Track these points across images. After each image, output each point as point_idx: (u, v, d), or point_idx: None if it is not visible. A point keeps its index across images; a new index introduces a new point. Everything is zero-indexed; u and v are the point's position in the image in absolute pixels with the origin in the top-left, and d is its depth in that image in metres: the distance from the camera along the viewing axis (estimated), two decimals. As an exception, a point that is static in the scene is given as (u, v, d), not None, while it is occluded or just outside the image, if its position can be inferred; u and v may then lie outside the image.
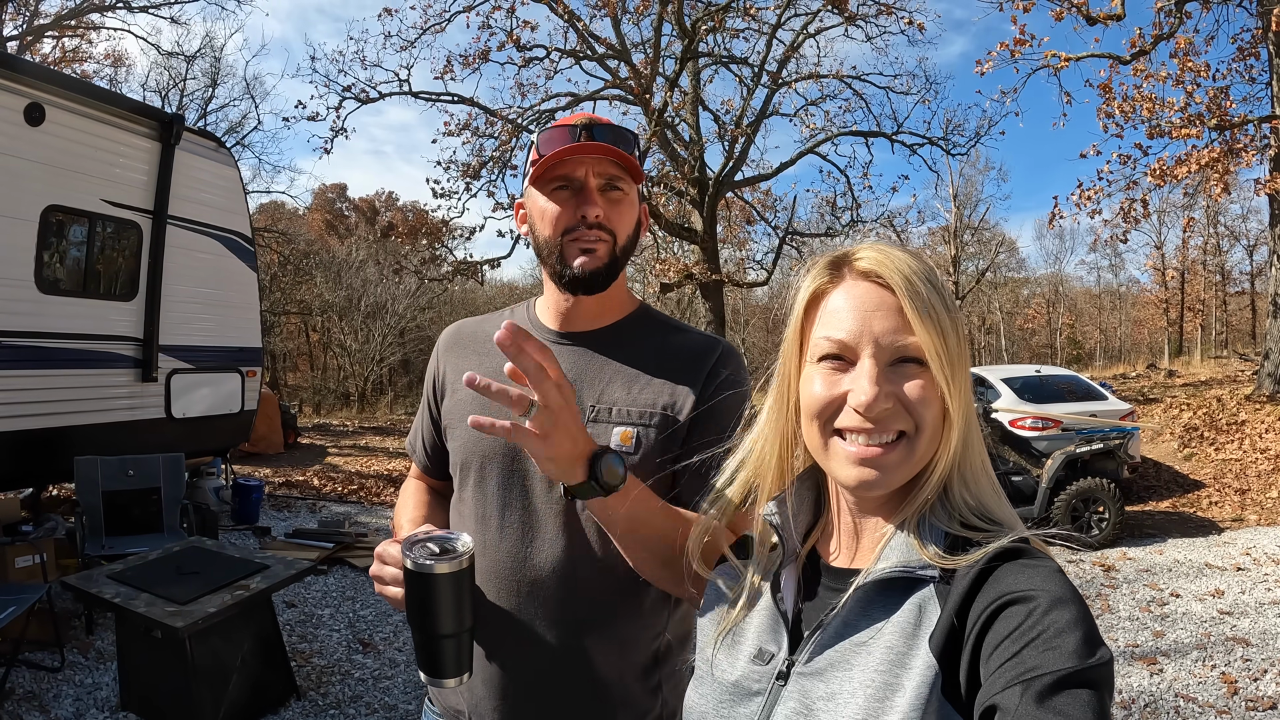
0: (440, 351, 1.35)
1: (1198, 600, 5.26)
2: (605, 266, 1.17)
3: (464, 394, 1.26)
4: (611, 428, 1.17)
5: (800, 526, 0.84)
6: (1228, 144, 11.15)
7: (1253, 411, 10.67)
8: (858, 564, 0.77)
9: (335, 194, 43.93)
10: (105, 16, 18.79)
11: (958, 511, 0.73)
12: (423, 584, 0.97)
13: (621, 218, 1.18)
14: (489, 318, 1.38)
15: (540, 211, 1.18)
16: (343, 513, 7.94)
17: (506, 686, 1.18)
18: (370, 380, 26.40)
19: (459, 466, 1.26)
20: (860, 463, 0.72)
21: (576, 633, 1.17)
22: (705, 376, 1.20)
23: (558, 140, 1.14)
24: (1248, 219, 32.15)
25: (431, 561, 0.97)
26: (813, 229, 21.77)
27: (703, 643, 0.89)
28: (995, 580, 0.66)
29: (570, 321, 1.25)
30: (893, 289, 0.72)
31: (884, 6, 14.89)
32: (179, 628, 2.96)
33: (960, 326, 0.73)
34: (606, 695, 1.18)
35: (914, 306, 0.71)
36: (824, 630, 0.73)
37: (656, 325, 1.29)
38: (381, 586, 1.11)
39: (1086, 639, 0.58)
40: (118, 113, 5.48)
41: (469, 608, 1.02)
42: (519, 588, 1.17)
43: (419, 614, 0.99)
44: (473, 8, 14.13)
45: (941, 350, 0.71)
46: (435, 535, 1.03)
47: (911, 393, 0.71)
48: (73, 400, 5.28)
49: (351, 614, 4.87)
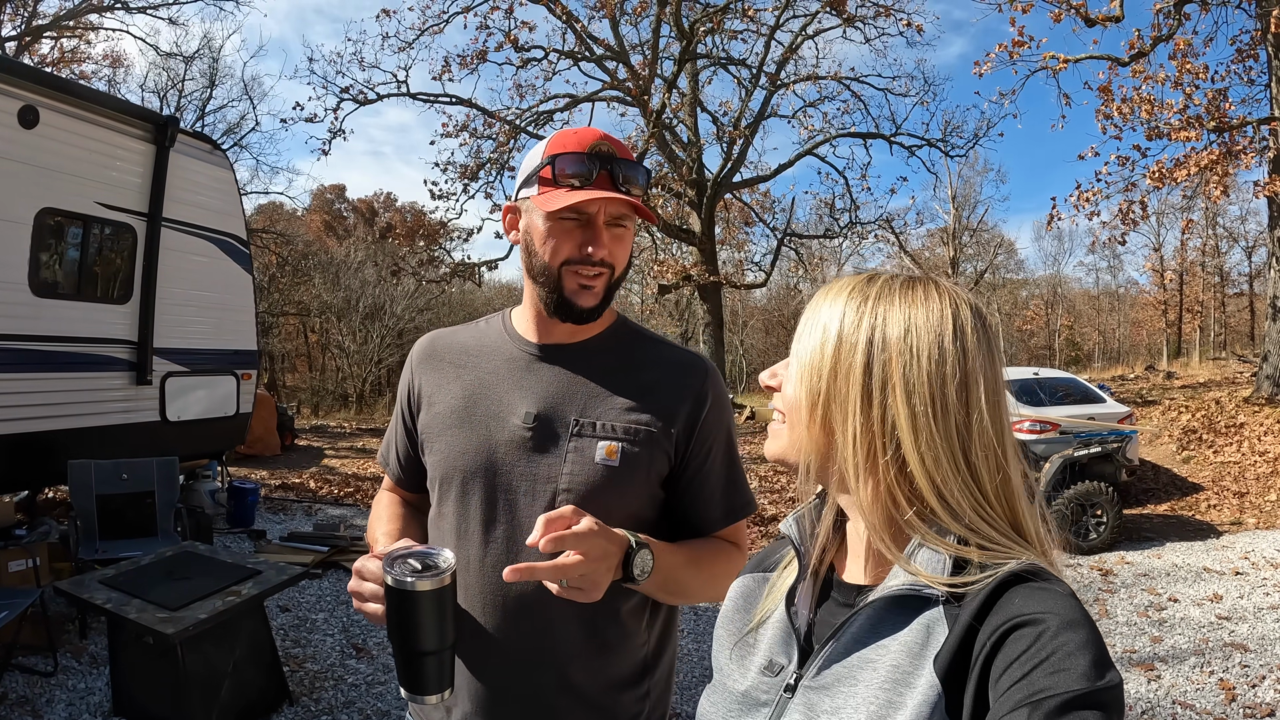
0: (415, 364, 1.33)
1: (1196, 605, 5.25)
2: (601, 301, 1.18)
3: (442, 408, 1.25)
4: (596, 442, 1.16)
5: (819, 542, 0.85)
6: (1226, 146, 11.15)
7: (1251, 414, 10.67)
8: (871, 581, 0.78)
9: (333, 195, 43.92)
10: (103, 17, 18.83)
11: (968, 527, 0.72)
12: (404, 601, 0.96)
13: (622, 251, 1.19)
14: (463, 328, 1.36)
15: (542, 236, 1.15)
16: (339, 515, 7.93)
17: (491, 701, 1.17)
18: (368, 381, 26.39)
19: (439, 481, 1.24)
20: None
21: (564, 644, 1.16)
22: (694, 397, 1.21)
23: (572, 166, 1.11)
24: (1246, 221, 32.23)
25: (413, 579, 0.95)
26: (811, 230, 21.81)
27: (718, 651, 0.90)
28: (1005, 602, 0.66)
29: (549, 335, 1.24)
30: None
31: (882, 8, 14.93)
32: (170, 634, 2.93)
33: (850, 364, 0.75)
34: (594, 706, 1.18)
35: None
36: (833, 645, 0.74)
37: (636, 338, 1.28)
38: (361, 603, 1.09)
39: (1096, 662, 0.58)
40: (112, 115, 5.47)
41: (451, 624, 1.00)
42: (504, 602, 1.16)
43: (400, 631, 0.98)
44: (471, 9, 14.16)
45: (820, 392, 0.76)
46: (416, 551, 1.01)
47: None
48: (67, 403, 5.26)
49: (346, 618, 4.85)
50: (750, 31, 15.59)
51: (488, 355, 1.26)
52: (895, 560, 0.73)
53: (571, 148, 1.13)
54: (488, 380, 1.23)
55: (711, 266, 15.08)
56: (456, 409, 1.23)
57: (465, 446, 1.20)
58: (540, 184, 1.14)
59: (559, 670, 1.16)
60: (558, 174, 1.12)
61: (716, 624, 0.93)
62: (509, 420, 1.18)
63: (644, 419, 1.17)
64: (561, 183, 1.12)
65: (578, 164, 1.11)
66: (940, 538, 0.72)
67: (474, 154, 14.75)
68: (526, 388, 1.20)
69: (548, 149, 1.15)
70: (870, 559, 0.79)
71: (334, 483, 9.88)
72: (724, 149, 15.53)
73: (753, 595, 0.89)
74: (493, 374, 1.24)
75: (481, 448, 1.18)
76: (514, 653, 1.16)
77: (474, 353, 1.28)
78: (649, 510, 1.21)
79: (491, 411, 1.20)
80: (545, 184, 1.13)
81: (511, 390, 1.21)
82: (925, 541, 0.72)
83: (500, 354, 1.25)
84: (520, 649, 1.15)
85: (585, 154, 1.11)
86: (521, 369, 1.22)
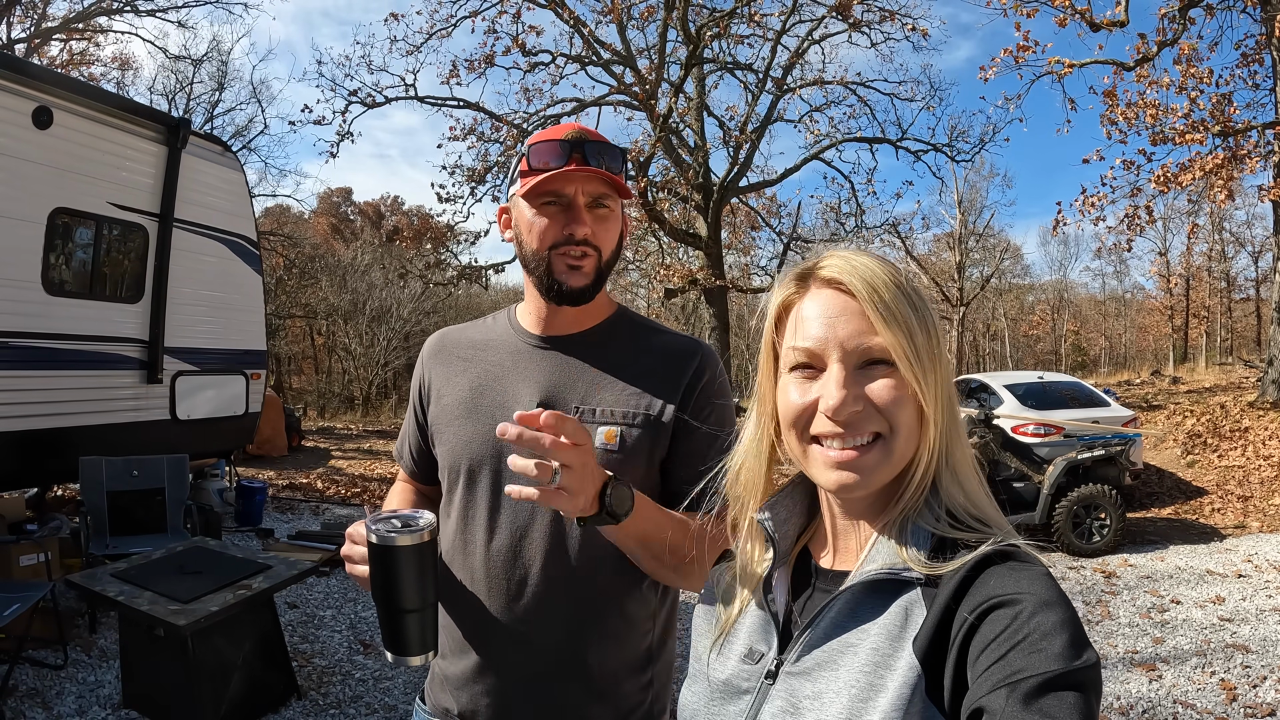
0: (425, 359, 1.38)
1: (1198, 607, 5.25)
2: (592, 282, 1.21)
3: (450, 400, 1.29)
4: (597, 428, 1.19)
5: (793, 529, 0.86)
6: (1232, 150, 11.12)
7: (1256, 418, 10.64)
8: (848, 566, 0.78)
9: (340, 198, 44.09)
10: (112, 20, 18.92)
11: (947, 509, 0.74)
12: (385, 557, 1.01)
13: (607, 233, 1.22)
14: (472, 325, 1.41)
15: (528, 225, 1.20)
16: (346, 515, 7.95)
17: (498, 685, 1.20)
18: (374, 384, 26.41)
19: (448, 470, 1.28)
20: (838, 466, 0.73)
21: (568, 630, 1.18)
22: (690, 377, 1.24)
23: (547, 154, 1.16)
24: (1252, 225, 32.05)
25: (393, 534, 1.00)
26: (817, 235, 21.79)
27: (696, 641, 0.91)
28: (982, 583, 0.66)
29: (551, 327, 1.28)
30: (854, 294, 0.73)
31: (888, 13, 14.92)
32: (181, 626, 2.98)
33: (932, 324, 0.74)
34: (599, 692, 1.20)
35: (876, 309, 0.72)
36: (813, 631, 0.75)
37: (635, 327, 1.32)
38: (351, 566, 1.13)
39: (1073, 641, 0.59)
40: (125, 116, 5.53)
41: (432, 583, 1.05)
42: (509, 586, 1.19)
43: (382, 588, 1.02)
44: (479, 13, 14.20)
45: (909, 350, 0.71)
46: (400, 513, 1.06)
47: (881, 393, 0.72)
48: (78, 401, 5.32)
49: (353, 615, 4.89)
50: (757, 36, 15.63)
51: (494, 349, 1.31)
52: (888, 542, 0.74)
53: (546, 138, 1.19)
54: (494, 372, 1.27)
55: (717, 270, 15.08)
56: (464, 400, 1.27)
57: (472, 436, 1.24)
58: (521, 178, 1.20)
59: (564, 656, 1.18)
60: (534, 164, 1.17)
61: (694, 613, 0.94)
62: (514, 409, 1.20)
63: (642, 403, 1.21)
64: (539, 171, 1.17)
65: (551, 151, 1.16)
66: (932, 517, 0.74)
67: (481, 157, 14.78)
68: (531, 378, 1.24)
69: (527, 144, 1.21)
70: (849, 544, 0.80)
71: (341, 483, 9.92)
72: (730, 153, 15.54)
73: (729, 583, 0.89)
74: (498, 366, 1.28)
75: (488, 437, 1.22)
76: (519, 637, 1.18)
77: (481, 346, 1.32)
78: (649, 494, 1.24)
79: (498, 402, 1.24)
80: (525, 176, 1.19)
81: (517, 381, 1.25)
82: (918, 521, 0.74)
83: (505, 347, 1.30)
84: (525, 634, 1.18)
85: (558, 141, 1.17)
86: (526, 360, 1.26)
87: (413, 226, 25.60)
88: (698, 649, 0.89)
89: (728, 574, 0.90)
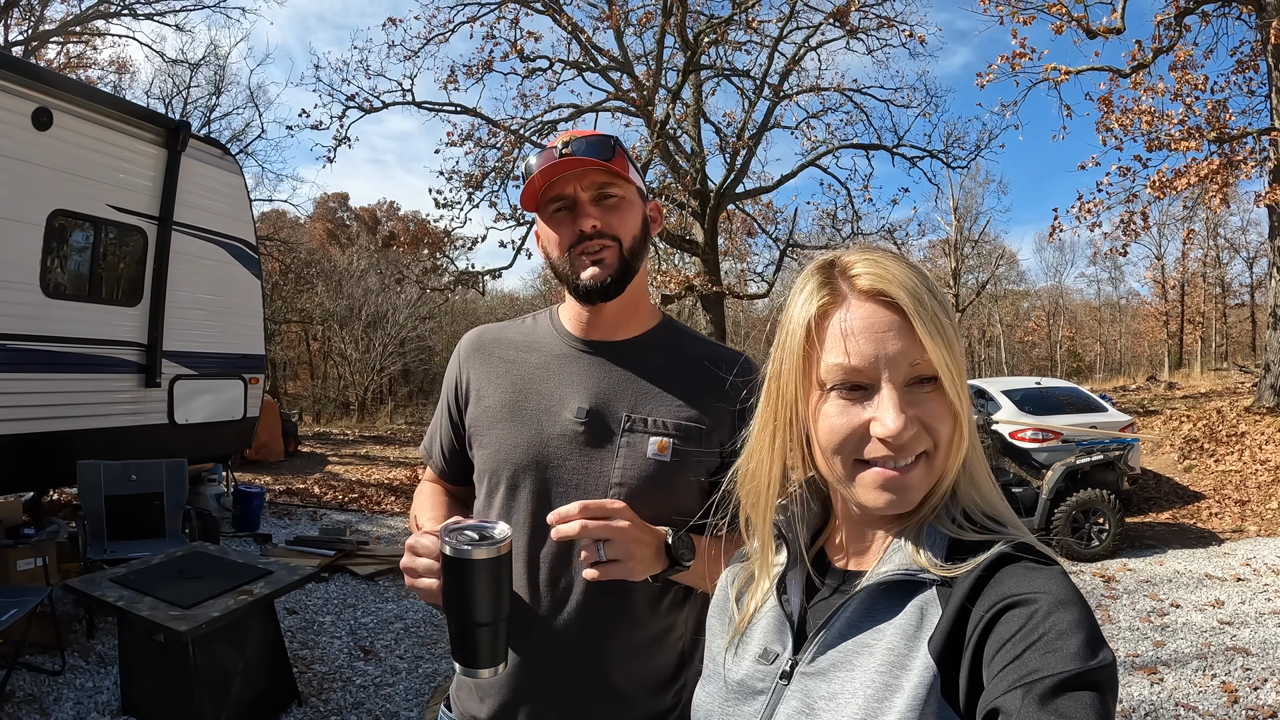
0: (462, 357, 1.34)
1: (1198, 610, 5.26)
2: (616, 272, 1.18)
3: (491, 402, 1.26)
4: (648, 438, 1.18)
5: (808, 530, 0.85)
6: (1227, 156, 11.18)
7: (1253, 423, 10.68)
8: (864, 566, 0.78)
9: (337, 203, 44.04)
10: (110, 23, 18.93)
11: (963, 511, 0.73)
12: (461, 570, 0.97)
13: (623, 221, 1.19)
14: (510, 324, 1.37)
15: (547, 236, 1.21)
16: (343, 521, 7.95)
17: (529, 694, 1.18)
18: (370, 390, 26.38)
19: (487, 475, 1.25)
20: (885, 488, 0.72)
21: (603, 641, 1.17)
22: (738, 393, 1.22)
23: (543, 164, 1.17)
24: (1247, 231, 32.27)
25: (470, 547, 0.96)
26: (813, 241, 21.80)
27: (711, 641, 0.90)
28: (997, 583, 0.66)
29: (593, 329, 1.26)
30: (901, 307, 0.71)
31: (885, 19, 14.99)
32: (182, 631, 2.96)
33: (958, 330, 0.73)
34: (631, 701, 1.19)
35: (924, 324, 0.70)
36: (828, 631, 0.74)
37: (682, 337, 1.30)
38: (413, 579, 1.10)
39: (1089, 641, 0.59)
40: (125, 118, 5.52)
41: (507, 596, 1.01)
42: (549, 595, 1.17)
43: (456, 602, 0.99)
44: (477, 18, 14.23)
45: (951, 364, 0.70)
46: (472, 523, 1.03)
47: (930, 413, 0.71)
48: (76, 404, 5.29)
49: (353, 621, 4.86)
50: (754, 43, 15.69)
51: (536, 350, 1.28)
52: (904, 545, 0.73)
53: (542, 153, 1.20)
54: (537, 375, 1.25)
55: (714, 277, 15.09)
56: (506, 403, 1.24)
57: (516, 440, 1.21)
58: (526, 195, 1.22)
59: (598, 667, 1.17)
60: (536, 177, 1.18)
61: (709, 614, 0.93)
62: (561, 415, 1.20)
63: (693, 415, 1.20)
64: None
65: (545, 160, 1.16)
66: (949, 520, 0.73)
67: (478, 163, 14.78)
68: (577, 383, 1.22)
69: (530, 163, 1.22)
70: (865, 545, 0.80)
71: (338, 488, 9.89)
72: (727, 160, 15.56)
73: (743, 584, 0.89)
74: (542, 368, 1.25)
75: (533, 442, 1.20)
76: (553, 646, 1.17)
77: (522, 347, 1.29)
78: (697, 507, 1.23)
79: (543, 406, 1.21)
80: (526, 192, 1.21)
81: (562, 385, 1.22)
82: (936, 523, 0.73)
83: (548, 349, 1.27)
84: (560, 643, 1.17)
85: (550, 149, 1.17)
86: (570, 364, 1.24)
87: (409, 232, 25.62)
88: (712, 649, 0.89)
89: (742, 574, 0.89)
